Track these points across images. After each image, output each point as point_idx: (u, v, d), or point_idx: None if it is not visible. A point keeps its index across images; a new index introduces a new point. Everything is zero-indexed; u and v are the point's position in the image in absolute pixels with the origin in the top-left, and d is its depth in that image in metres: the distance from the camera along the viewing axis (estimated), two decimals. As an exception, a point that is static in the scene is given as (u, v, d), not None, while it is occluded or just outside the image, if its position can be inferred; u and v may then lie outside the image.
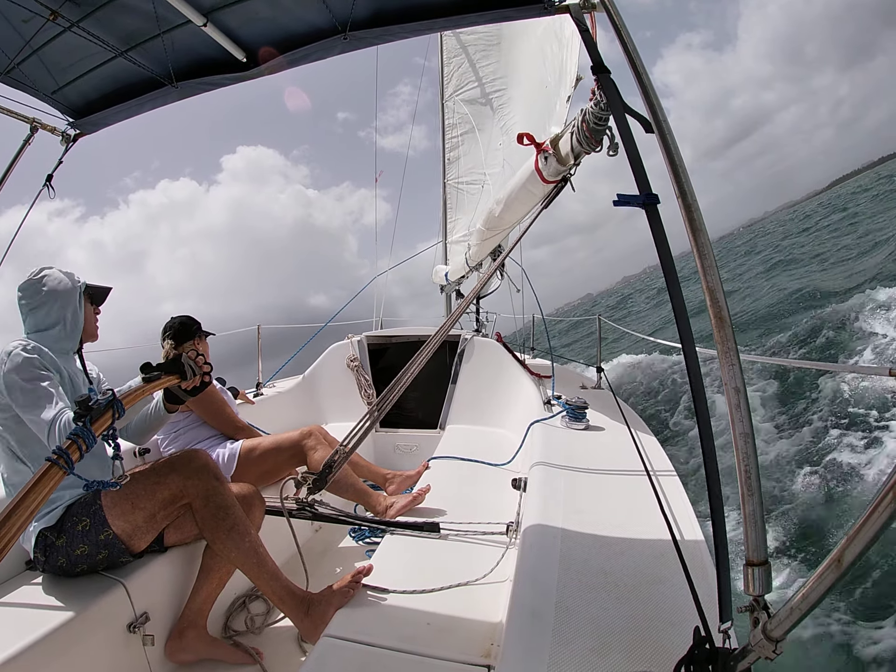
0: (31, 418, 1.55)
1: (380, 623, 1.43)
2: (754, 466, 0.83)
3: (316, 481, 1.77)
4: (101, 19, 1.85)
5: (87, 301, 1.90)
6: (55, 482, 1.04)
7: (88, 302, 1.91)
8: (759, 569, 0.80)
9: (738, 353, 0.89)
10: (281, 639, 1.89)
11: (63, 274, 1.84)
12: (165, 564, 1.78)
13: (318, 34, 1.91)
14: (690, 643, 0.84)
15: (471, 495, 2.37)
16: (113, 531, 1.61)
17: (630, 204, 1.08)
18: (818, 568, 0.66)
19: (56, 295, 1.79)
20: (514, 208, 2.56)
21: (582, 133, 1.67)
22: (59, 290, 1.80)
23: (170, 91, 2.16)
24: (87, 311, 1.90)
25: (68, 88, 2.22)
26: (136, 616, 1.62)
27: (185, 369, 1.64)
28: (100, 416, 1.24)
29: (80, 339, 1.88)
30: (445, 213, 5.95)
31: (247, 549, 1.67)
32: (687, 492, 1.70)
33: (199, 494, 1.69)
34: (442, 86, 5.78)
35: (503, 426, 3.37)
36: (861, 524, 0.61)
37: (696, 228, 0.95)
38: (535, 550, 1.42)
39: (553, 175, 1.97)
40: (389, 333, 4.35)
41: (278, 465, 2.48)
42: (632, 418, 2.59)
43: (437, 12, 1.77)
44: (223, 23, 1.89)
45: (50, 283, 1.79)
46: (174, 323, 2.61)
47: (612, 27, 1.26)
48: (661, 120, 1.07)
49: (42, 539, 1.61)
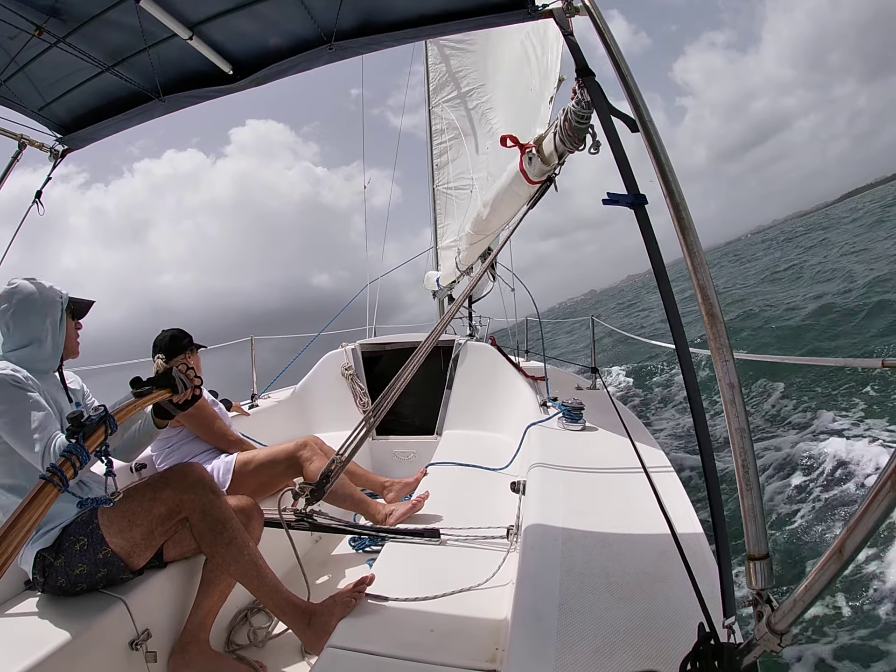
0: (20, 446, 1.50)
1: (383, 632, 1.42)
2: (751, 461, 0.83)
3: (314, 492, 1.75)
4: (86, 35, 1.85)
5: (69, 316, 1.79)
6: (50, 500, 1.03)
7: (70, 317, 1.80)
8: (761, 562, 0.80)
9: (731, 349, 0.90)
10: (284, 651, 1.87)
11: (39, 286, 1.72)
12: (165, 580, 1.77)
13: (303, 45, 1.92)
14: (695, 640, 0.84)
15: (470, 500, 2.37)
16: (111, 549, 1.60)
17: (619, 203, 1.09)
18: (820, 559, 0.66)
19: (30, 308, 1.68)
20: (500, 210, 2.58)
21: (565, 132, 1.68)
22: (34, 303, 1.69)
23: (157, 105, 2.16)
24: (69, 327, 1.80)
25: (56, 104, 2.22)
26: (138, 633, 1.61)
27: (176, 383, 1.61)
28: (92, 433, 1.22)
29: (60, 357, 1.79)
30: (435, 219, 5.97)
31: (246, 561, 1.66)
32: (685, 488, 1.71)
33: (195, 509, 1.68)
34: (428, 92, 5.80)
35: (500, 430, 3.37)
36: (861, 513, 0.61)
37: (685, 227, 0.96)
38: (536, 553, 1.42)
39: (538, 175, 1.98)
40: (383, 341, 4.35)
41: (274, 478, 2.46)
42: (628, 417, 2.60)
43: (421, 20, 1.78)
44: (209, 36, 1.89)
45: (21, 296, 1.68)
46: (164, 337, 2.58)
47: (595, 30, 1.27)
48: (647, 120, 1.08)
49: (40, 560, 1.59)
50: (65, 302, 1.77)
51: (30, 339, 1.69)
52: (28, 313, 1.68)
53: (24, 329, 1.68)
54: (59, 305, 1.75)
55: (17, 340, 1.68)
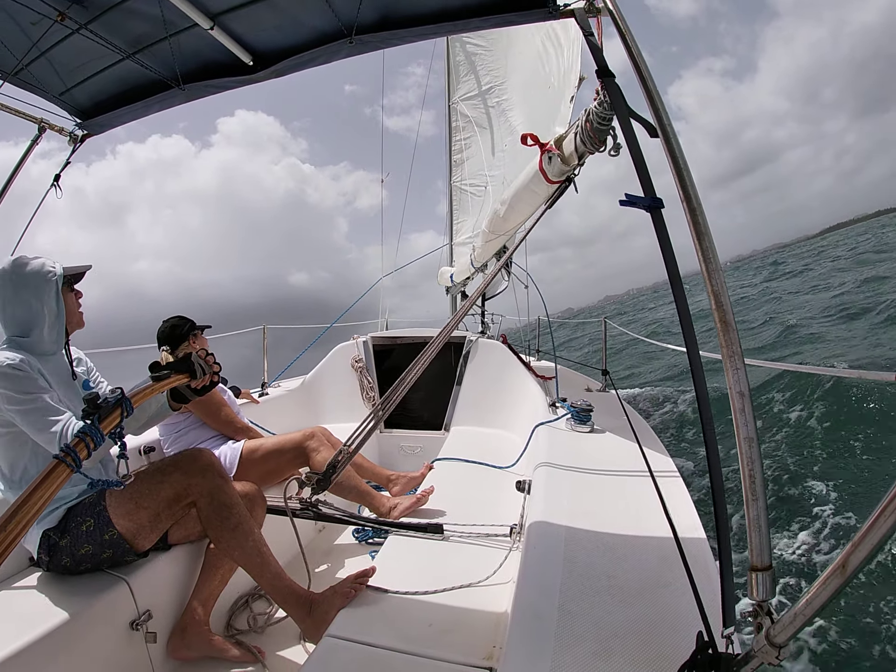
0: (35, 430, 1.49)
1: (382, 624, 1.43)
2: (759, 471, 0.83)
3: (319, 481, 1.77)
4: (108, 22, 1.87)
5: (67, 289, 1.72)
6: (62, 480, 1.02)
7: (68, 289, 1.73)
8: (764, 574, 0.80)
9: (743, 358, 0.89)
10: (283, 638, 1.89)
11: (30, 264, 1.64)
12: (169, 562, 1.79)
13: (324, 38, 1.92)
14: (693, 648, 0.84)
15: (475, 497, 2.37)
16: (117, 531, 1.62)
17: (636, 205, 1.09)
18: (822, 574, 0.66)
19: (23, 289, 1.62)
20: (518, 209, 2.57)
21: (586, 133, 1.67)
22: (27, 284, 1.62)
23: (176, 93, 2.17)
24: (69, 300, 1.73)
25: (76, 90, 2.24)
26: (139, 613, 1.63)
27: (195, 368, 1.61)
28: (108, 415, 1.22)
29: (65, 332, 1.75)
30: (451, 215, 5.97)
31: (250, 548, 1.68)
32: (691, 495, 1.70)
33: (203, 493, 1.69)
34: (448, 89, 5.79)
35: (508, 428, 3.37)
36: (866, 530, 0.60)
37: (701, 232, 0.95)
38: (538, 553, 1.42)
39: (557, 175, 1.97)
40: (395, 334, 4.35)
41: (281, 466, 2.48)
42: (637, 422, 2.58)
43: (442, 17, 1.78)
44: (230, 27, 1.90)
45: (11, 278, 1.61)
46: (164, 328, 2.59)
47: (616, 32, 1.26)
48: (666, 124, 1.07)
49: (45, 539, 1.61)
50: (60, 277, 1.69)
51: (29, 322, 1.64)
52: (24, 295, 1.62)
53: (21, 312, 1.63)
54: (54, 282, 1.67)
55: (17, 325, 1.64)
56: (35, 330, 1.65)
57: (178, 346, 2.56)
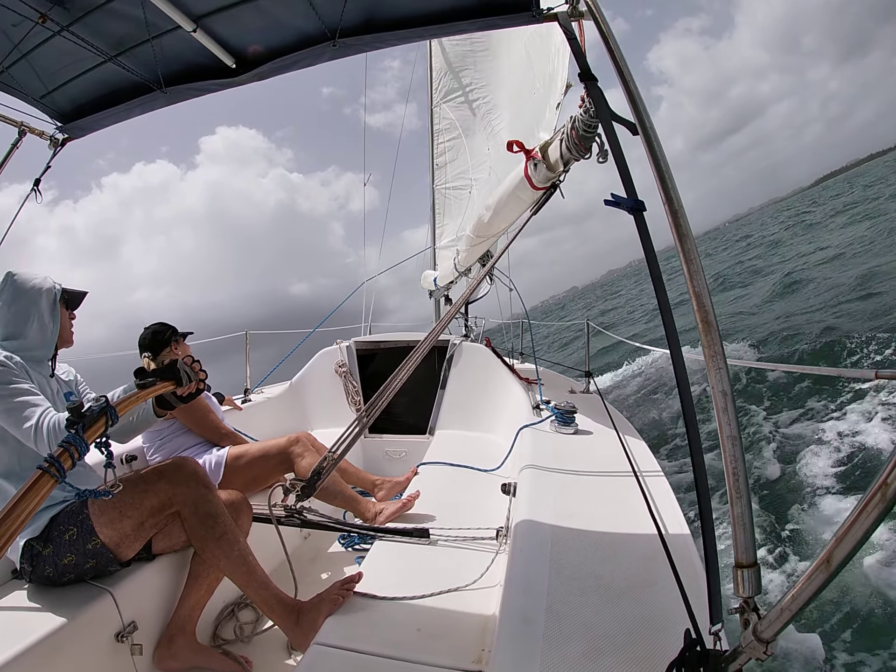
0: (11, 422, 1.51)
1: (370, 630, 1.42)
2: (742, 469, 0.84)
3: (304, 488, 1.75)
4: (90, 24, 1.84)
5: (63, 306, 1.85)
6: (46, 491, 1.00)
7: (63, 307, 1.85)
8: (749, 570, 0.80)
9: (725, 357, 0.90)
10: (270, 647, 1.87)
11: (32, 276, 1.77)
12: (153, 572, 1.76)
13: (307, 41, 1.91)
14: (681, 645, 0.85)
15: (460, 501, 2.37)
16: (100, 540, 1.59)
17: (620, 206, 1.10)
18: (808, 569, 0.67)
19: (23, 297, 1.73)
20: (503, 214, 2.57)
21: (571, 140, 1.68)
22: (28, 292, 1.74)
23: (158, 96, 2.15)
24: (63, 317, 1.84)
25: (57, 93, 2.21)
26: (124, 625, 1.60)
27: (180, 375, 1.59)
28: (93, 424, 1.19)
29: (55, 345, 1.82)
30: (434, 218, 5.95)
31: (236, 557, 1.66)
32: (676, 494, 1.71)
33: (187, 502, 1.67)
34: (430, 92, 5.78)
35: (492, 431, 3.37)
36: (850, 524, 0.61)
37: (683, 234, 0.96)
38: (525, 555, 1.43)
39: (542, 182, 1.98)
40: (378, 339, 4.34)
41: (265, 473, 2.46)
42: (620, 422, 2.60)
43: (426, 20, 1.78)
44: (213, 29, 1.89)
45: (14, 285, 1.73)
46: (146, 335, 2.58)
47: (599, 35, 1.27)
48: (648, 126, 1.08)
49: (28, 549, 1.59)
50: (58, 292, 1.81)
51: (24, 328, 1.72)
52: (22, 302, 1.72)
53: (18, 318, 1.72)
54: (53, 295, 1.79)
55: (12, 329, 1.71)
56: (29, 334, 1.73)
57: (160, 352, 2.53)
